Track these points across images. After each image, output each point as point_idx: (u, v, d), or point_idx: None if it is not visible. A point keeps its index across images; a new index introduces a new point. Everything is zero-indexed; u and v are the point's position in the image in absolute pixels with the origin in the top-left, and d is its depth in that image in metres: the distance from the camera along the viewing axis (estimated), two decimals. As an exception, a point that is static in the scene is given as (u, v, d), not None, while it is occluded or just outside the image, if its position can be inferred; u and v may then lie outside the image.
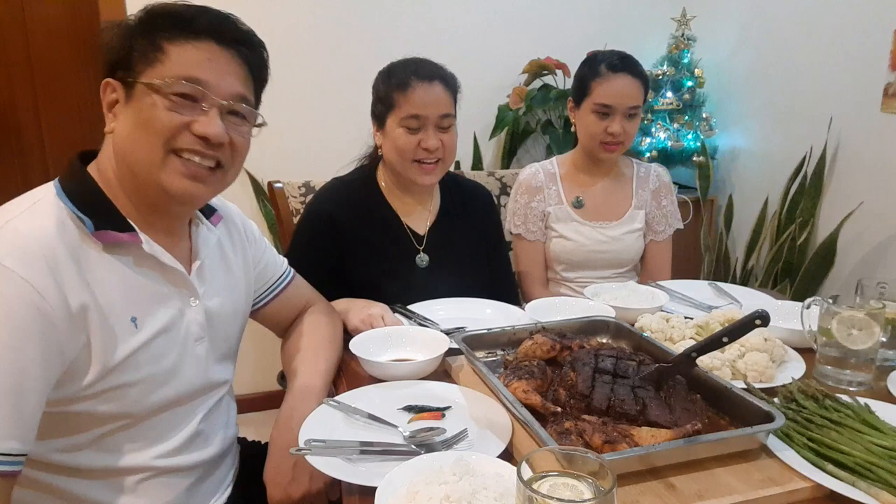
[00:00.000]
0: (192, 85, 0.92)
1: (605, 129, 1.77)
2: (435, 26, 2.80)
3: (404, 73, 1.52)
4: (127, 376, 0.93)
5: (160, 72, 0.92)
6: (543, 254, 1.94)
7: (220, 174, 1.00)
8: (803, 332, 1.24)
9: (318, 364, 1.20)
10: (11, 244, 0.83)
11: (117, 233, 0.93)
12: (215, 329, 1.09)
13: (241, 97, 0.98)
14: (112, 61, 0.95)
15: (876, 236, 2.33)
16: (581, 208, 1.90)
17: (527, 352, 1.13)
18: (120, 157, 0.96)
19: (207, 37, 0.94)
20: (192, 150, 0.94)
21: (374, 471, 0.87)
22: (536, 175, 1.92)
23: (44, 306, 0.82)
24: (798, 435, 0.91)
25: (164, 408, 1.00)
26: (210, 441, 1.11)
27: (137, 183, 0.96)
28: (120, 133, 0.95)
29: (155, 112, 0.92)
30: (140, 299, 0.95)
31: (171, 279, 1.01)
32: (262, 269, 1.26)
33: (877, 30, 2.25)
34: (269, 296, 1.29)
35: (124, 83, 0.94)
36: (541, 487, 0.63)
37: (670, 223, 1.95)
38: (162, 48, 0.92)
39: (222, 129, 0.95)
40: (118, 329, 0.92)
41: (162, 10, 0.95)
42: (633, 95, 1.76)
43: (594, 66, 1.80)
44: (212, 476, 1.13)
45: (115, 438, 0.96)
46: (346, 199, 1.62)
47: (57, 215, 0.89)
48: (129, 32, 0.94)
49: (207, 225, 1.12)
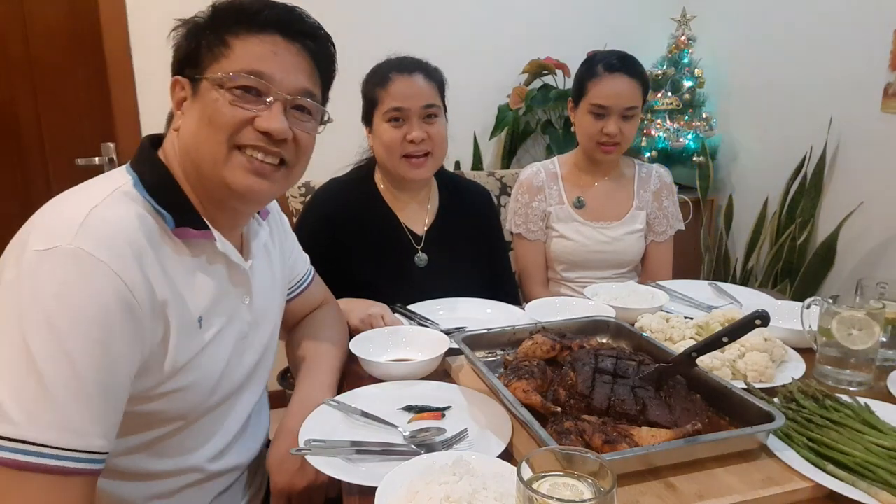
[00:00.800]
0: (255, 78, 0.91)
1: (600, 129, 1.77)
2: (435, 27, 2.80)
3: (385, 69, 1.55)
4: (189, 377, 0.92)
5: (225, 66, 0.91)
6: (544, 254, 1.94)
7: (285, 171, 0.98)
8: (803, 332, 1.24)
9: (331, 361, 1.20)
10: (103, 234, 0.80)
11: (194, 230, 0.92)
12: (258, 327, 1.08)
13: (307, 91, 0.96)
14: (180, 59, 0.95)
15: (876, 236, 2.33)
16: (582, 208, 1.90)
17: (527, 352, 1.13)
18: (185, 153, 0.94)
19: (273, 30, 0.93)
20: (255, 147, 0.93)
21: (374, 471, 0.87)
22: (538, 174, 1.92)
23: (132, 302, 0.80)
24: (798, 435, 0.91)
25: (212, 409, 0.99)
26: (249, 444, 1.10)
27: (203, 180, 0.94)
28: (186, 129, 0.93)
29: (218, 107, 0.90)
30: (206, 298, 0.94)
31: (234, 278, 1.00)
32: (291, 264, 1.25)
33: (877, 30, 2.25)
34: (296, 292, 1.28)
35: (192, 80, 0.93)
36: (541, 487, 0.63)
37: (671, 224, 1.95)
38: (227, 43, 0.91)
39: (285, 124, 0.93)
40: (188, 328, 0.91)
41: (228, 5, 0.94)
42: (629, 96, 1.75)
43: (592, 66, 1.80)
44: (243, 484, 1.12)
45: (166, 442, 0.95)
46: (343, 199, 1.62)
47: (139, 210, 0.87)
48: (196, 30, 0.94)
49: (258, 220, 1.10)
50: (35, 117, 2.57)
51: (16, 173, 2.59)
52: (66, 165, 2.59)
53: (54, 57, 2.54)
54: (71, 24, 2.53)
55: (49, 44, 2.52)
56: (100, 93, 2.56)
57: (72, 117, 2.60)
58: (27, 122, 2.56)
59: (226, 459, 1.05)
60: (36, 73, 2.53)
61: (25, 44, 2.50)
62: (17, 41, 2.48)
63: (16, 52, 2.49)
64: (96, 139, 2.61)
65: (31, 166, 2.60)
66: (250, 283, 1.03)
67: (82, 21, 2.51)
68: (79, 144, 2.61)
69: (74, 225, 0.79)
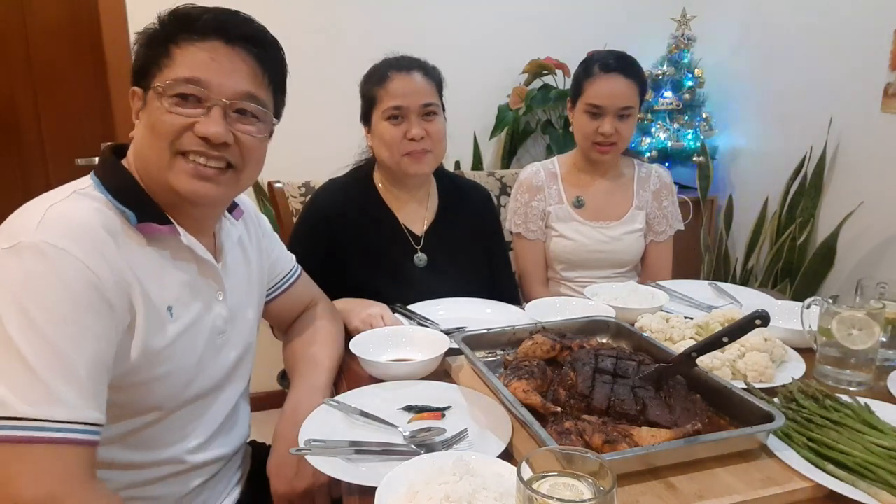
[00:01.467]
0: (192, 86, 0.92)
1: (596, 129, 1.77)
2: (435, 27, 2.80)
3: (383, 69, 1.55)
4: (162, 368, 0.94)
5: (166, 75, 0.93)
6: (543, 253, 1.94)
7: (233, 174, 0.99)
8: (803, 332, 1.24)
9: (323, 361, 1.21)
10: (61, 226, 0.83)
11: (158, 225, 0.94)
12: (235, 324, 1.10)
13: (249, 95, 0.97)
14: (135, 70, 0.97)
15: (876, 236, 2.33)
16: (581, 208, 1.90)
17: (527, 352, 1.13)
18: (138, 159, 0.98)
19: (213, 36, 0.94)
20: (196, 152, 0.95)
21: (374, 471, 0.87)
22: (537, 174, 1.92)
23: (98, 283, 0.83)
24: (798, 435, 0.91)
25: (188, 402, 1.01)
26: (231, 438, 1.12)
27: (154, 185, 0.97)
28: (137, 137, 0.97)
29: (159, 115, 0.93)
30: (176, 290, 0.97)
31: (204, 272, 1.03)
32: (273, 263, 1.27)
33: (877, 30, 2.25)
34: (278, 291, 1.29)
35: (144, 90, 0.96)
36: (541, 487, 0.63)
37: (671, 224, 1.95)
38: (169, 52, 0.93)
39: (223, 128, 0.94)
40: (157, 317, 0.93)
41: (172, 14, 0.96)
42: (624, 96, 1.75)
43: (589, 66, 1.80)
44: (223, 475, 1.13)
45: (143, 433, 0.97)
46: (342, 199, 1.62)
47: (98, 206, 0.90)
48: (147, 41, 0.96)
49: (231, 219, 1.13)
50: (35, 117, 2.57)
51: (16, 173, 2.59)
52: (66, 165, 2.59)
53: (54, 57, 2.54)
54: (71, 24, 2.53)
55: (49, 44, 2.52)
56: (100, 93, 2.56)
57: (72, 117, 2.60)
58: (27, 121, 2.56)
59: (207, 452, 1.06)
60: (36, 73, 2.53)
61: (25, 44, 2.50)
62: (17, 41, 2.48)
63: (16, 52, 2.49)
64: (96, 139, 2.61)
65: (31, 166, 2.60)
66: (221, 278, 1.06)
67: (82, 21, 2.51)
68: (79, 144, 2.61)
69: (34, 222, 0.83)
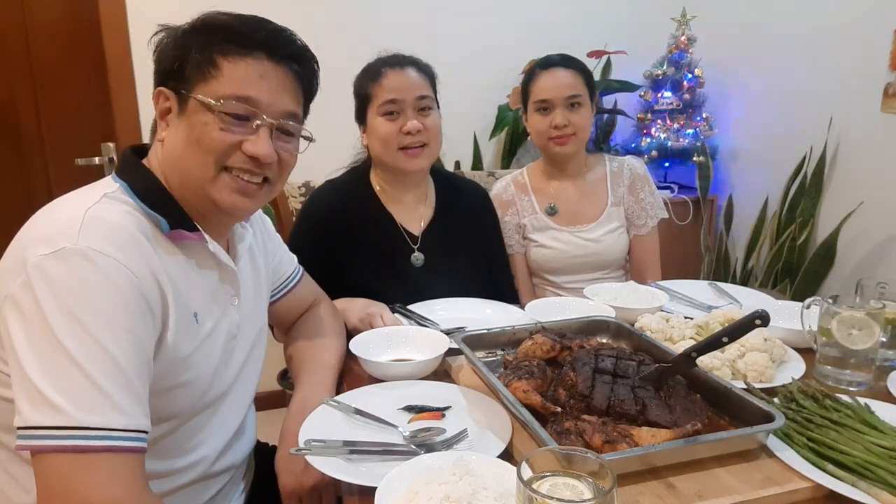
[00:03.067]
0: (244, 105, 0.92)
1: (549, 123, 1.77)
2: (435, 27, 2.80)
3: (377, 65, 1.56)
4: (187, 374, 0.94)
5: (214, 88, 0.92)
6: (525, 265, 1.94)
7: (268, 188, 1.01)
8: (803, 332, 1.24)
9: (328, 360, 1.21)
10: (104, 231, 0.83)
11: (187, 232, 0.95)
12: (245, 328, 1.10)
13: (291, 114, 0.99)
14: (165, 70, 0.95)
15: (876, 236, 2.33)
16: (555, 215, 1.89)
17: (527, 352, 1.13)
18: (171, 166, 0.96)
19: (261, 52, 0.94)
20: (242, 169, 0.95)
21: (374, 471, 0.87)
22: (507, 189, 1.93)
23: (143, 289, 0.84)
24: (798, 435, 0.91)
25: (203, 408, 1.01)
26: (240, 445, 1.12)
27: (188, 193, 0.96)
28: (172, 144, 0.95)
29: (207, 131, 0.92)
30: (200, 296, 0.97)
31: (224, 278, 1.03)
32: (276, 265, 1.27)
33: (877, 30, 2.25)
34: (282, 292, 1.29)
35: (178, 94, 0.94)
36: (541, 487, 0.63)
37: (651, 215, 1.90)
38: (216, 63, 0.92)
39: (272, 149, 0.95)
40: (186, 323, 0.93)
41: (219, 21, 0.94)
42: (568, 85, 1.76)
43: (531, 70, 1.84)
44: (235, 480, 1.14)
45: (161, 443, 0.96)
46: (338, 200, 1.62)
47: (129, 209, 0.90)
48: (183, 42, 0.94)
49: (242, 223, 1.12)
50: (35, 117, 2.57)
51: (16, 173, 2.59)
52: (66, 165, 2.59)
53: (54, 57, 2.54)
54: (71, 25, 2.53)
55: (49, 44, 2.52)
56: (100, 93, 2.56)
57: (72, 117, 2.60)
58: (27, 122, 2.56)
59: (223, 460, 1.06)
60: (36, 73, 2.53)
61: (25, 44, 2.50)
62: (18, 41, 2.48)
63: (16, 52, 2.49)
64: (96, 139, 2.61)
65: (31, 166, 2.60)
66: (239, 284, 1.06)
67: (82, 21, 2.51)
68: (79, 144, 2.61)
69: (74, 226, 0.81)
